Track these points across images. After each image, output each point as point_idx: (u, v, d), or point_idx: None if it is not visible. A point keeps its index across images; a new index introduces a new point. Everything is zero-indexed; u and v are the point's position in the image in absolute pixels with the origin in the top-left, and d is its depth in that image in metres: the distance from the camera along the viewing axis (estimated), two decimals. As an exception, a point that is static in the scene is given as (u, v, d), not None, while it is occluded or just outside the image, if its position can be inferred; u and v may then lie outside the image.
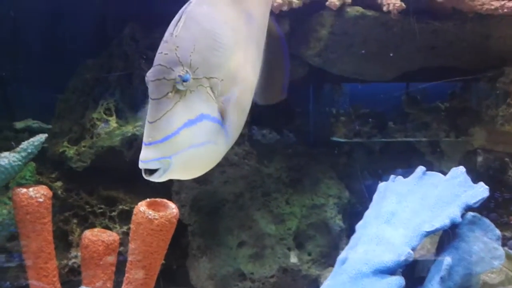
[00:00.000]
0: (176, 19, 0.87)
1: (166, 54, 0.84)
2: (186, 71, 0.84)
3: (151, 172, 0.83)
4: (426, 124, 1.56)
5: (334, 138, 1.65)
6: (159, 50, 0.85)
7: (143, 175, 0.84)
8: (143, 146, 0.84)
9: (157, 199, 1.15)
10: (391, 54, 1.35)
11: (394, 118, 1.63)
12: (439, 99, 1.57)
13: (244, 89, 0.96)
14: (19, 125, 1.61)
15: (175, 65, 0.83)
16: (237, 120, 0.94)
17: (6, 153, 1.18)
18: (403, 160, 1.55)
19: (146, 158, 0.82)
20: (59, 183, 1.43)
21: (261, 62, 1.04)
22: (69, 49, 1.55)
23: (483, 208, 1.51)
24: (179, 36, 0.85)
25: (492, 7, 1.23)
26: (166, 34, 0.86)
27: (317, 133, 1.65)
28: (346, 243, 1.19)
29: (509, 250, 1.46)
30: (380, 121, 1.64)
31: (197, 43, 0.86)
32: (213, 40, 0.89)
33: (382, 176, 1.29)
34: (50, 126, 1.62)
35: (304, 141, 1.61)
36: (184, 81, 0.83)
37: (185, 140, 0.85)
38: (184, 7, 0.89)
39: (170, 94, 0.83)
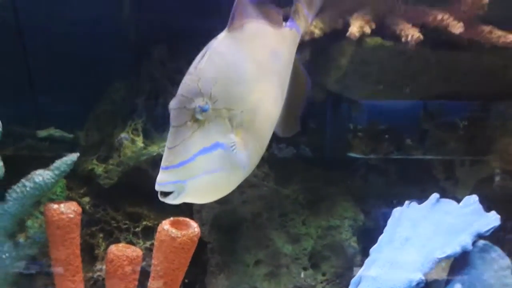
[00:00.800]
0: (202, 53, 0.93)
1: (189, 85, 0.90)
2: (206, 101, 0.89)
3: (166, 194, 0.89)
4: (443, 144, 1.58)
5: (351, 154, 1.66)
6: (183, 81, 0.91)
7: (159, 197, 0.89)
8: (161, 170, 0.89)
9: (180, 218, 1.18)
10: (408, 83, 1.39)
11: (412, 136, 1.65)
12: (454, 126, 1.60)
13: (264, 121, 1.00)
14: (41, 133, 1.64)
15: (196, 95, 0.88)
16: (255, 150, 0.99)
17: (40, 171, 1.23)
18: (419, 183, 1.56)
19: (162, 181, 0.88)
20: (87, 199, 1.48)
21: (284, 97, 1.08)
22: (99, 70, 1.60)
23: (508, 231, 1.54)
24: (202, 68, 0.91)
25: (508, 40, 1.25)
26: (191, 66, 0.92)
27: (334, 149, 1.66)
28: (360, 265, 1.22)
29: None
30: (397, 138, 1.64)
31: (219, 76, 0.91)
32: (235, 74, 0.94)
33: (398, 200, 1.31)
34: (72, 136, 1.68)
35: (321, 156, 1.63)
36: (203, 111, 0.88)
37: (199, 167, 0.89)
38: (210, 42, 0.95)
39: (189, 123, 0.88)
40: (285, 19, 1.16)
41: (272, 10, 1.09)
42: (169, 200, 0.89)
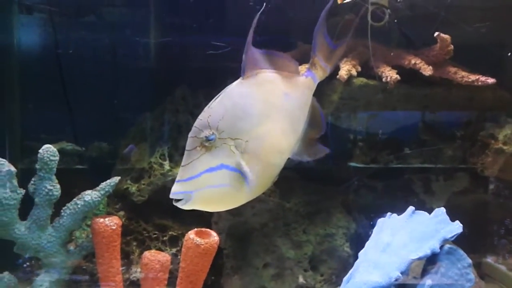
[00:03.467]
0: (217, 96, 1.09)
1: (201, 120, 1.06)
2: (213, 133, 1.04)
3: (177, 201, 1.05)
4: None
5: (352, 164, 1.69)
6: (198, 117, 1.07)
7: (173, 202, 1.05)
8: (175, 182, 1.05)
9: (202, 228, 1.32)
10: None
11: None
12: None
13: (270, 150, 1.11)
14: (53, 147, 1.68)
15: (205, 127, 1.04)
16: (261, 173, 1.09)
17: (89, 191, 1.40)
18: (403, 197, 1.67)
19: (174, 191, 1.04)
20: (122, 213, 1.61)
21: (298, 132, 1.19)
22: (131, 105, 1.77)
23: (495, 235, 1.69)
24: (213, 107, 1.06)
25: (470, 80, 1.40)
26: (206, 106, 1.08)
27: (334, 158, 1.70)
28: (352, 267, 1.28)
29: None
30: (396, 148, 1.68)
31: (226, 113, 1.06)
32: (242, 112, 1.08)
33: (382, 212, 1.38)
34: (83, 149, 1.80)
35: (322, 165, 1.62)
36: (209, 140, 1.03)
37: (204, 181, 1.04)
38: (226, 87, 1.10)
39: (198, 148, 1.04)
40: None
41: (286, 60, 1.21)
42: (179, 205, 1.05)
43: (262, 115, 1.10)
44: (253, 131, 1.08)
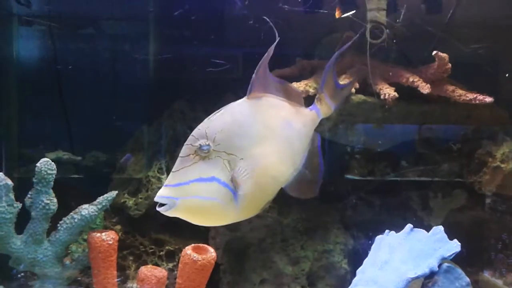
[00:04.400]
0: (219, 110, 1.08)
1: (199, 129, 1.05)
2: (208, 143, 1.02)
3: (162, 205, 1.01)
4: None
5: (349, 176, 1.70)
6: (197, 126, 1.06)
7: (157, 207, 1.02)
8: (163, 186, 1.02)
9: (199, 244, 1.32)
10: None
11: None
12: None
13: (264, 173, 1.09)
14: (50, 156, 1.65)
15: (202, 137, 1.03)
16: (252, 195, 1.07)
17: (86, 206, 1.39)
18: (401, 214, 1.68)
19: (160, 194, 1.01)
20: (118, 227, 1.61)
21: (295, 163, 1.18)
22: (128, 119, 1.78)
23: (492, 250, 1.70)
24: (212, 120, 1.06)
25: (467, 98, 1.41)
26: (207, 118, 1.07)
27: (331, 171, 1.70)
28: (350, 283, 1.25)
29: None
30: (394, 162, 1.69)
31: (225, 127, 1.05)
32: (241, 129, 1.07)
33: (380, 228, 1.36)
34: (79, 158, 1.81)
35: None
36: (203, 149, 1.01)
37: (192, 190, 1.01)
38: (229, 104, 1.10)
39: (191, 155, 1.02)
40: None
41: (294, 91, 1.22)
42: (162, 210, 1.01)
43: (260, 136, 1.10)
44: (249, 150, 1.07)
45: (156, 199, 1.01)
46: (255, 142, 1.08)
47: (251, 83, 1.10)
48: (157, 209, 1.02)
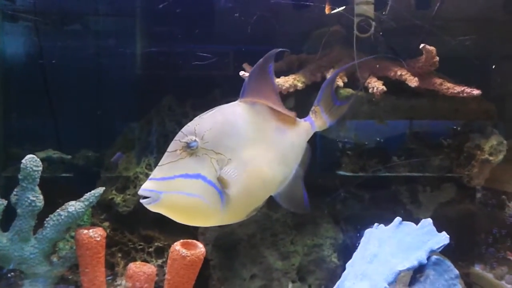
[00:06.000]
0: (211, 109, 1.08)
1: (188, 126, 1.05)
2: (196, 140, 1.01)
3: (145, 198, 1.00)
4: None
5: (340, 172, 1.69)
6: (187, 124, 1.05)
7: (140, 199, 1.01)
8: (147, 180, 1.02)
9: (188, 240, 1.31)
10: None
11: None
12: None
13: (254, 177, 1.08)
14: (40, 155, 1.65)
15: (190, 134, 1.02)
16: (239, 198, 1.06)
17: (73, 202, 1.38)
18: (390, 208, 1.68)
19: (144, 187, 1.01)
20: (107, 223, 1.61)
21: (286, 171, 1.17)
22: (117, 115, 1.78)
23: (482, 244, 1.71)
24: (203, 118, 1.06)
25: (455, 91, 1.42)
26: (198, 116, 1.06)
27: (323, 167, 1.74)
28: (340, 277, 1.28)
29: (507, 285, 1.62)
30: (384, 156, 1.68)
31: (215, 126, 1.05)
32: (230, 129, 1.06)
33: (370, 222, 1.38)
34: (70, 157, 1.80)
35: (311, 173, 1.60)
36: (190, 146, 1.01)
37: (176, 185, 1.00)
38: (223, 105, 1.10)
39: (179, 151, 1.01)
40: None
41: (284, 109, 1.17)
42: (145, 203, 1.01)
43: (251, 139, 1.09)
44: (239, 152, 1.06)
45: (140, 192, 1.01)
46: (245, 145, 1.08)
47: (243, 86, 1.09)
48: (141, 201, 1.01)
